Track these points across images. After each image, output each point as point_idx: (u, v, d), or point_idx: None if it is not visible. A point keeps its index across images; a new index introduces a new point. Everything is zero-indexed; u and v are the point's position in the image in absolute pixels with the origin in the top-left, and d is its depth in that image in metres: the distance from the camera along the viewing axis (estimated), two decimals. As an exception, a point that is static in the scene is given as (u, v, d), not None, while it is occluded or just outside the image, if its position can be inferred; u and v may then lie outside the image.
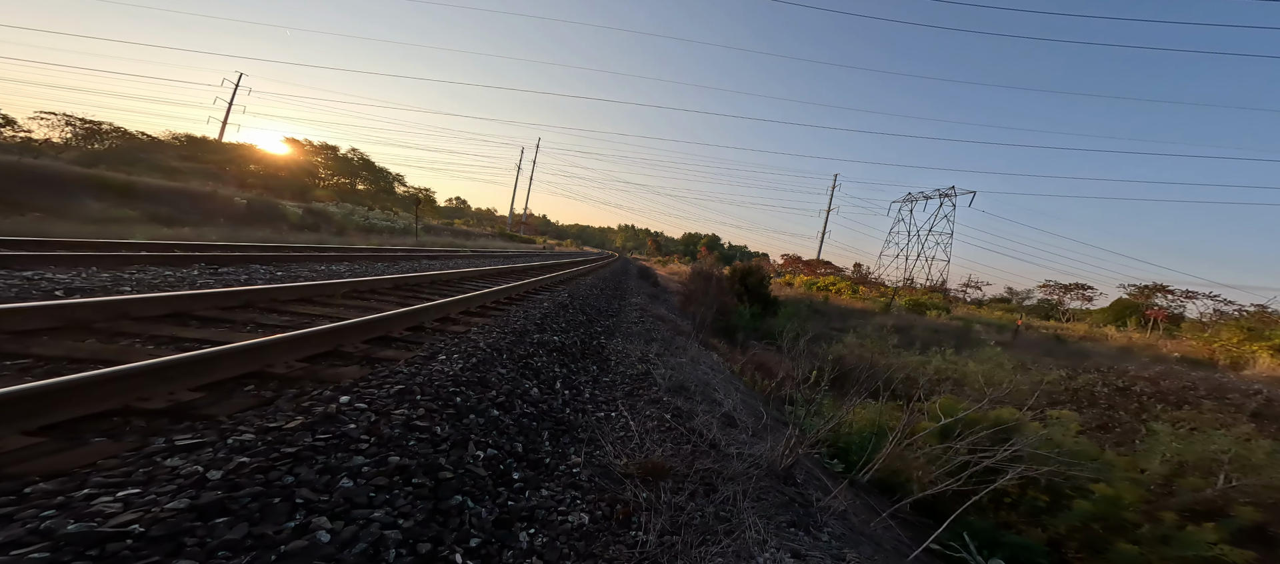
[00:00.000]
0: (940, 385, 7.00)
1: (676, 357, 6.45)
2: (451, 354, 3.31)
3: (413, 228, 26.92)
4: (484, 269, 9.74)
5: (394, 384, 2.56)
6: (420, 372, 2.84)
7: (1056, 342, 13.63)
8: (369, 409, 2.20)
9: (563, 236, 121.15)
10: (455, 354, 3.33)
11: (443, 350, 3.39)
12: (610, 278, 15.19)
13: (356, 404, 2.22)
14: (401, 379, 2.65)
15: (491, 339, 4.02)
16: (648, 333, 7.33)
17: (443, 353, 3.33)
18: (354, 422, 2.07)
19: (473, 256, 15.16)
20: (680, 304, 15.03)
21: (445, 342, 3.68)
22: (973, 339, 12.38)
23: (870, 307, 19.16)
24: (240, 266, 5.91)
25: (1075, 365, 8.38)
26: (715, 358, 8.39)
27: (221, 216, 19.90)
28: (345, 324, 3.10)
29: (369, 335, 3.31)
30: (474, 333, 4.14)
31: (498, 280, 8.72)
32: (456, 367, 3.06)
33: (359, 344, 3.13)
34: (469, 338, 3.89)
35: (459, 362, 3.17)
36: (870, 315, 15.92)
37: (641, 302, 11.39)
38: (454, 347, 3.54)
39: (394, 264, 9.10)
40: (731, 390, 5.99)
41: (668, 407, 4.18)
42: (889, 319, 14.54)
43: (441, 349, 3.42)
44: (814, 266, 49.09)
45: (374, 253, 10.59)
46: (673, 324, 9.96)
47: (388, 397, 2.39)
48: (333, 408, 2.13)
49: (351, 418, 2.09)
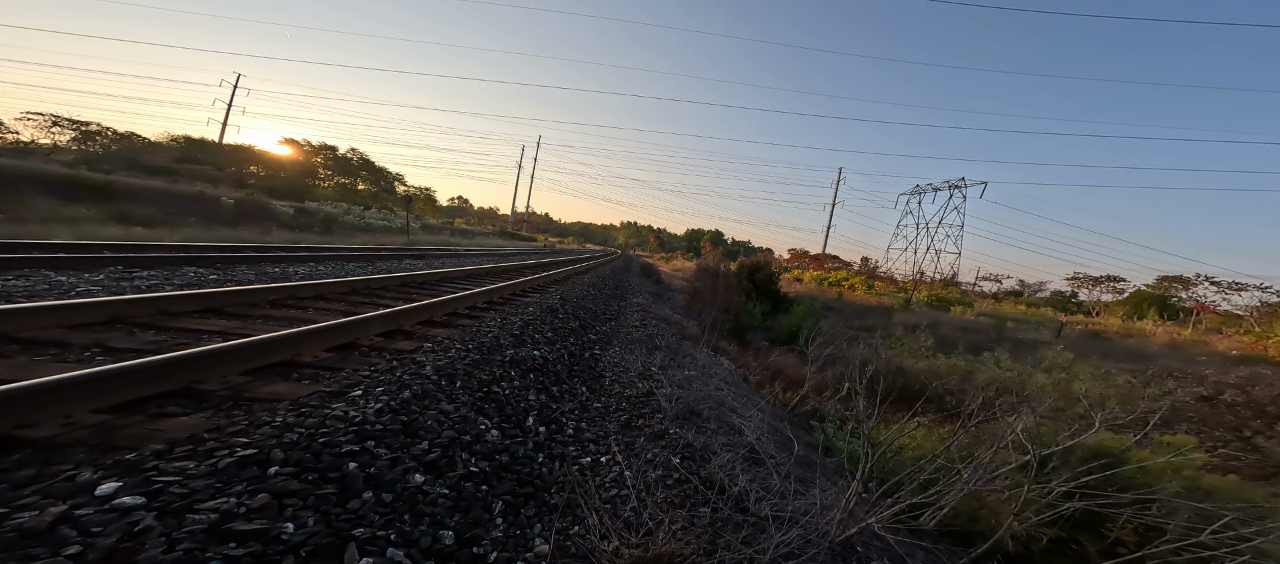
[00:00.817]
0: (999, 398, 6.06)
1: (683, 368, 5.51)
2: (373, 387, 2.38)
3: (408, 226, 26.06)
4: (471, 268, 8.83)
5: (246, 442, 1.63)
6: (307, 418, 1.91)
7: (1093, 339, 12.57)
8: (149, 504, 1.27)
9: (565, 234, 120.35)
10: (380, 387, 2.39)
11: (364, 381, 2.45)
12: (610, 276, 14.25)
13: (123, 498, 1.28)
14: (264, 435, 1.72)
15: (446, 360, 3.08)
16: (650, 339, 6.39)
17: (361, 385, 2.39)
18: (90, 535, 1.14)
19: (463, 256, 14.26)
20: (685, 303, 14.07)
21: (378, 366, 2.75)
22: (1009, 338, 11.32)
23: (888, 303, 18.03)
24: (168, 270, 5.00)
25: (1137, 369, 7.39)
26: (727, 365, 7.44)
27: (207, 217, 19.15)
28: (220, 348, 2.17)
29: (260, 361, 2.38)
30: (424, 351, 3.21)
31: (482, 281, 7.80)
32: (371, 407, 2.13)
33: (234, 376, 2.21)
34: (412, 360, 2.95)
35: (380, 399, 2.24)
36: (889, 313, 14.84)
37: (643, 301, 10.44)
38: (384, 374, 2.60)
39: (369, 264, 8.20)
40: (750, 409, 5.04)
41: (676, 444, 3.24)
42: (911, 317, 13.47)
43: (364, 379, 2.49)
44: (822, 261, 47.83)
45: (355, 253, 9.70)
46: (678, 326, 9.02)
47: (212, 472, 1.45)
48: (53, 514, 1.19)
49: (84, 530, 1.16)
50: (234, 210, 21.14)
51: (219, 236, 10.67)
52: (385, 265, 8.36)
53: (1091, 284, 28.93)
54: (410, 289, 5.82)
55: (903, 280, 39.45)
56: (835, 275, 29.79)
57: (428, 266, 9.10)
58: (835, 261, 48.63)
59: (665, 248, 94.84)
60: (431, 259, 11.09)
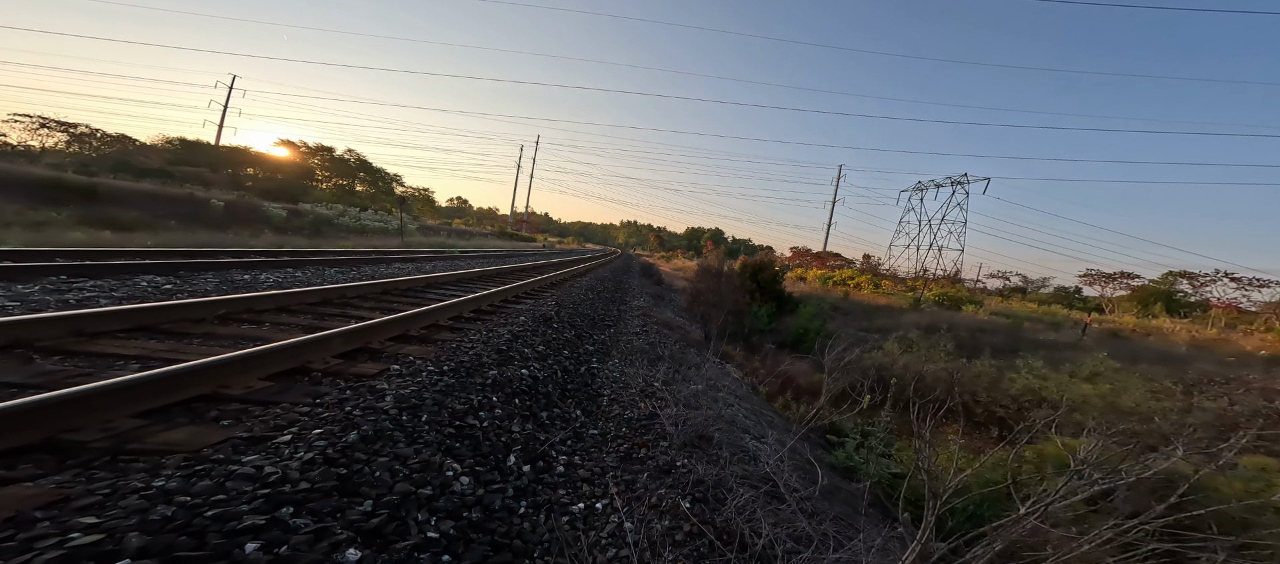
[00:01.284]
0: (1037, 409, 5.60)
1: (689, 381, 5.04)
2: (310, 429, 1.91)
3: (401, 228, 25.57)
4: (462, 272, 8.37)
5: (93, 522, 1.17)
6: (200, 480, 1.45)
7: (1112, 338, 12.08)
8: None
9: (565, 234, 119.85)
10: (320, 428, 1.93)
11: (300, 421, 1.99)
12: (610, 277, 13.79)
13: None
14: (127, 509, 1.25)
15: (413, 386, 2.62)
16: (652, 348, 5.92)
17: (296, 426, 1.93)
18: None
19: (457, 258, 13.80)
20: (686, 305, 13.61)
21: (325, 399, 2.28)
22: (1028, 339, 10.80)
23: (896, 302, 17.45)
24: (119, 279, 4.53)
25: (1173, 374, 6.92)
26: (734, 375, 6.98)
27: (196, 220, 18.72)
28: (105, 387, 1.71)
29: (169, 398, 1.91)
30: (389, 376, 2.75)
31: (472, 286, 7.34)
32: (298, 458, 1.67)
33: (125, 420, 1.74)
34: (371, 389, 2.49)
35: (314, 445, 1.78)
36: (898, 312, 14.32)
37: (644, 304, 9.98)
38: (331, 410, 2.14)
39: (354, 269, 7.73)
40: (764, 428, 4.57)
41: (684, 480, 2.78)
42: (921, 317, 12.94)
43: (300, 418, 2.02)
44: (824, 259, 47.28)
45: (341, 257, 9.23)
46: (681, 331, 8.56)
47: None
48: None
49: None
50: (224, 213, 20.68)
51: (198, 240, 10.21)
52: (371, 270, 7.89)
53: (1104, 281, 28.33)
54: (392, 298, 5.35)
55: (908, 278, 38.85)
56: (840, 274, 29.08)
57: (417, 271, 8.64)
58: (837, 260, 48.13)
59: (665, 247, 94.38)
60: (422, 262, 10.63)
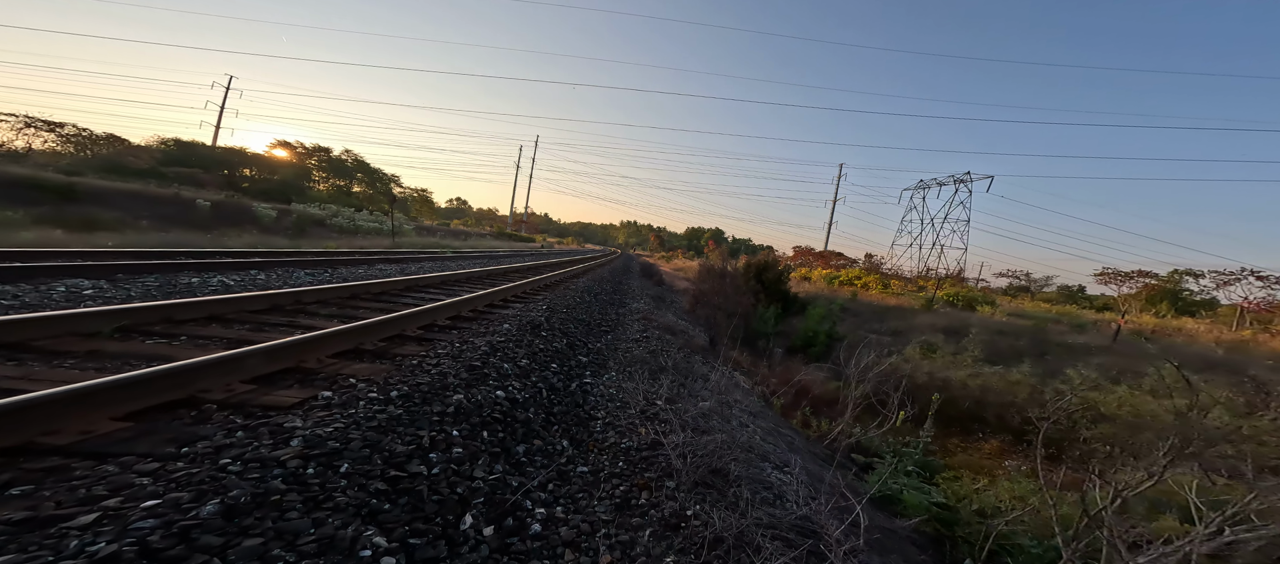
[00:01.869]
0: (1095, 427, 4.99)
1: (696, 396, 4.41)
2: (135, 503, 1.28)
3: (392, 228, 24.91)
4: (450, 274, 7.75)
5: None
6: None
7: (1138, 340, 11.45)
8: None
9: (564, 234, 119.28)
10: (154, 502, 1.30)
11: (135, 486, 1.36)
12: (609, 278, 13.16)
13: None
14: None
15: (342, 421, 1.99)
16: (654, 357, 5.29)
17: (120, 494, 1.30)
18: None
19: (448, 259, 13.17)
20: (689, 307, 12.98)
21: (197, 448, 1.65)
22: (1054, 342, 10.11)
23: (907, 303, 16.68)
24: (37, 283, 3.90)
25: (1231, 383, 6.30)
26: (744, 385, 6.34)
27: (180, 221, 18.16)
28: None
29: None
30: (313, 406, 2.12)
31: (456, 289, 6.72)
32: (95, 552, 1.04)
33: None
34: (277, 427, 1.86)
35: (136, 530, 1.15)
36: (910, 314, 13.60)
37: (644, 307, 9.35)
38: (197, 465, 1.51)
39: (328, 271, 7.11)
40: (785, 451, 3.94)
41: (697, 537, 2.15)
42: (935, 319, 12.22)
43: (138, 482, 1.39)
44: (828, 258, 46.57)
45: (321, 258, 8.62)
46: (684, 336, 7.93)
47: None
48: None
49: None
50: (210, 213, 20.07)
51: (170, 240, 9.59)
52: (347, 271, 7.27)
53: (1120, 279, 27.61)
54: (359, 303, 4.72)
55: (918, 277, 38.04)
56: (846, 273, 28.24)
57: (399, 272, 8.01)
58: (840, 259, 47.45)
59: (665, 246, 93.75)
60: (408, 263, 10.01)
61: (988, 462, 5.24)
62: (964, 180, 48.77)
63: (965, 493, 3.55)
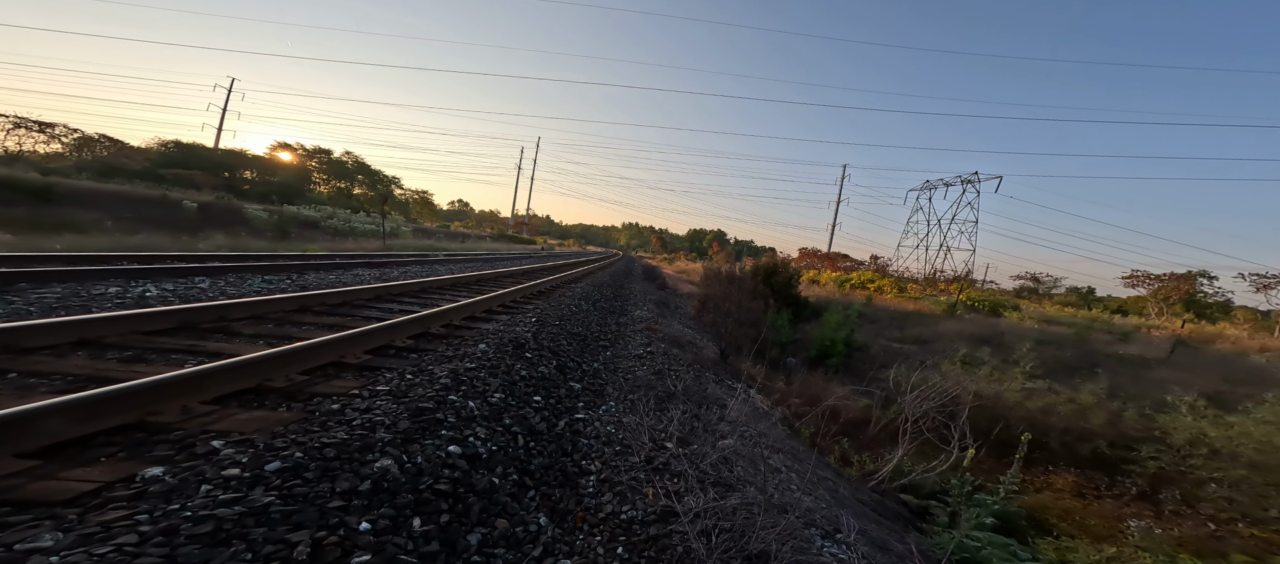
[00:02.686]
0: (1220, 469, 4.20)
1: (714, 431, 3.63)
2: None
3: (383, 230, 24.15)
4: (434, 279, 7.00)
5: None
6: None
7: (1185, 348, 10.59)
8: None
9: (566, 236, 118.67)
10: None
11: None
12: (609, 282, 12.40)
13: None
14: None
15: (152, 526, 1.22)
16: (660, 379, 4.50)
17: None
18: None
19: (439, 262, 12.42)
20: (695, 313, 12.20)
21: None
22: (1105, 353, 9.23)
23: (926, 307, 15.73)
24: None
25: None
26: (763, 406, 5.54)
27: (163, 223, 17.52)
28: None
29: None
30: (135, 494, 1.35)
31: (435, 298, 5.96)
32: None
33: None
34: None
35: None
36: (933, 320, 12.70)
37: (648, 315, 8.58)
38: None
39: (293, 276, 6.36)
40: (833, 507, 3.15)
41: None
42: (961, 325, 11.32)
43: None
44: (835, 260, 45.60)
45: (292, 261, 7.89)
46: (693, 348, 7.15)
47: None
48: None
49: None
50: (197, 214, 19.40)
51: (130, 243, 8.88)
52: (316, 278, 6.52)
53: (1151, 282, 26.54)
54: (305, 318, 3.95)
55: (931, 280, 36.89)
56: (859, 276, 27.01)
57: (378, 278, 7.27)
58: (847, 261, 46.51)
59: (667, 248, 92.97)
60: (391, 267, 9.26)
61: (1070, 504, 4.45)
62: (971, 181, 47.88)
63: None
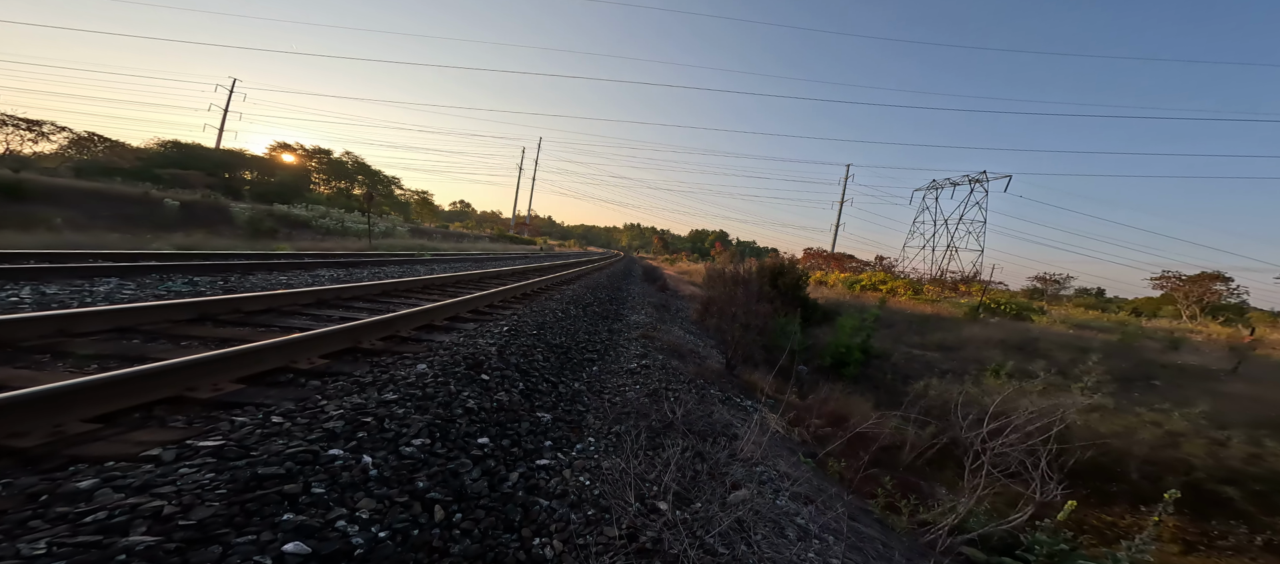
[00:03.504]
0: None
1: (719, 477, 2.79)
2: None
3: (368, 229, 23.26)
4: (403, 281, 6.19)
5: None
6: None
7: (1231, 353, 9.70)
8: None
9: (567, 237, 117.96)
10: None
11: None
12: (606, 284, 11.57)
13: None
14: None
15: None
16: (655, 400, 3.66)
17: None
18: None
19: (424, 262, 11.62)
20: (697, 317, 11.35)
21: None
22: (1160, 364, 8.25)
23: (945, 311, 14.72)
24: None
25: None
26: (778, 428, 4.68)
27: (140, 221, 16.84)
28: None
29: None
30: None
31: (390, 303, 5.14)
32: None
33: None
34: None
35: None
36: (955, 324, 11.75)
37: (646, 320, 7.74)
38: None
39: (231, 277, 5.56)
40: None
41: None
42: (988, 329, 10.35)
43: None
44: (841, 261, 44.57)
45: (246, 261, 7.11)
46: (694, 357, 6.31)
47: None
48: None
49: None
50: (179, 213, 18.67)
51: (72, 241, 8.11)
52: (265, 279, 5.72)
53: (1178, 283, 25.42)
54: (199, 328, 3.12)
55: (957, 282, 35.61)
56: (870, 277, 25.65)
57: (337, 281, 6.46)
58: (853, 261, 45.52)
59: (669, 249, 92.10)
60: (362, 268, 8.45)
61: (1184, 561, 3.59)
62: (979, 180, 46.92)
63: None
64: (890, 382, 7.36)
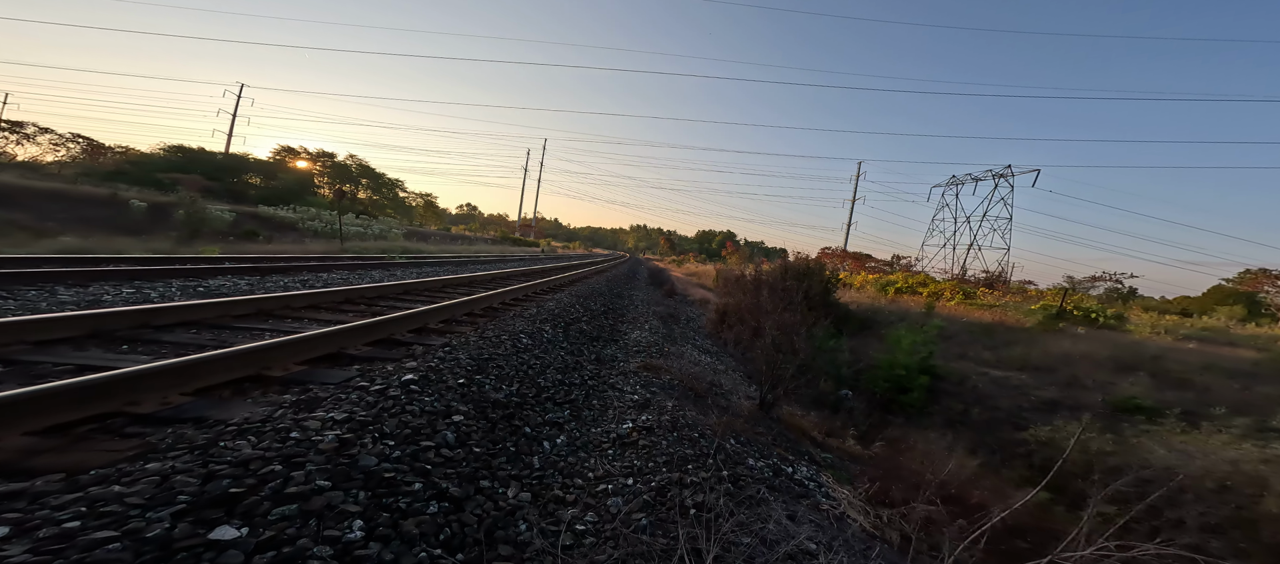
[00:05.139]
0: None
1: None
2: None
3: (340, 230, 21.63)
4: (340, 290, 4.57)
5: None
6: None
7: None
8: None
9: (573, 239, 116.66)
10: None
11: None
12: (604, 290, 9.91)
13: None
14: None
15: None
16: (661, 528, 1.97)
17: None
18: None
19: (399, 266, 10.04)
20: (712, 328, 9.64)
21: None
22: None
23: (1011, 318, 12.50)
24: None
25: None
26: (853, 519, 2.96)
27: (100, 224, 15.56)
28: None
29: None
30: None
31: (292, 326, 3.50)
32: None
33: None
34: None
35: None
36: (1026, 335, 9.64)
37: (649, 337, 6.05)
38: None
39: (145, 285, 3.96)
40: None
41: None
42: (1075, 342, 8.24)
43: None
44: (861, 260, 42.37)
45: (168, 268, 5.56)
46: (715, 396, 4.61)
47: None
48: None
49: None
50: (147, 216, 17.37)
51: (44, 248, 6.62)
52: (186, 284, 4.12)
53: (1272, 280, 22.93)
54: None
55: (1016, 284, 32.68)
56: (903, 278, 22.78)
57: (271, 289, 4.86)
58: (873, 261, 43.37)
59: (676, 250, 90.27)
60: (290, 275, 6.86)
61: None
62: (1004, 175, 44.59)
63: None
64: (974, 417, 5.61)
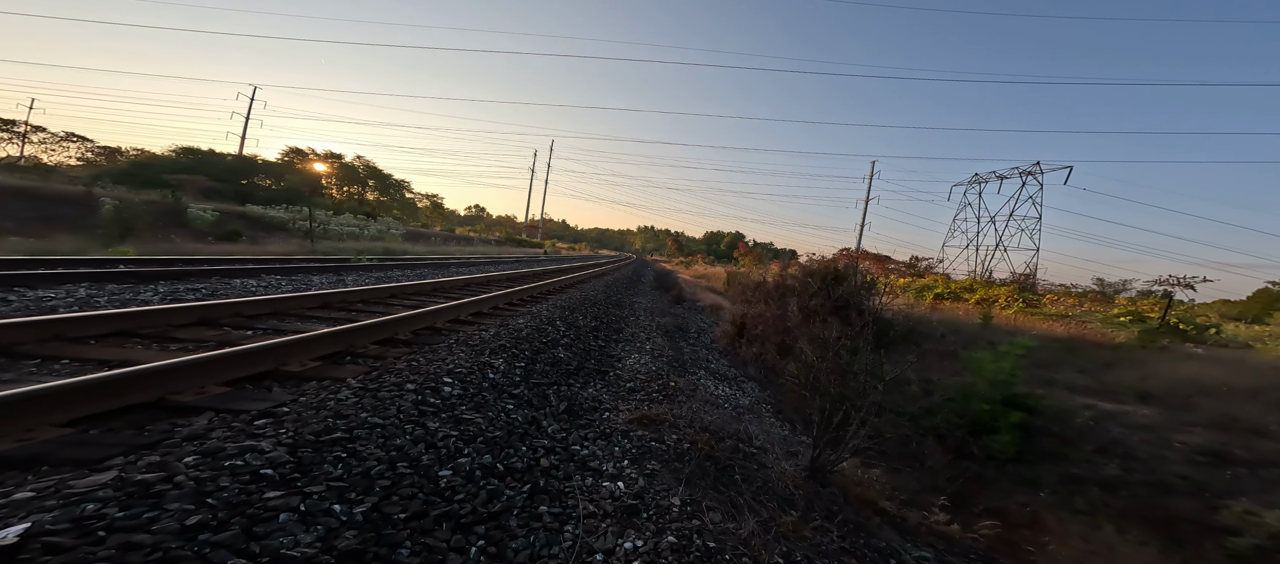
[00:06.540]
0: None
1: None
2: None
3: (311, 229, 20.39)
4: (316, 293, 3.21)
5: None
6: None
7: None
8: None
9: (579, 240, 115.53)
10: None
11: None
12: (602, 297, 8.51)
13: None
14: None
15: None
16: None
17: None
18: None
19: (354, 267, 8.74)
20: (727, 343, 8.17)
21: None
22: None
23: (1091, 332, 10.81)
24: None
25: None
26: None
27: (63, 222, 14.58)
28: None
29: None
30: None
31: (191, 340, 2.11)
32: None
33: None
34: None
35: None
36: (1127, 353, 7.86)
37: (650, 365, 4.62)
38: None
39: None
40: None
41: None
42: (1208, 367, 6.45)
43: None
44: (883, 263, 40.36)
45: (91, 270, 4.27)
46: (743, 459, 3.16)
47: None
48: None
49: None
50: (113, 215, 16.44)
51: None
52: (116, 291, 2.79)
53: None
54: None
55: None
56: (944, 282, 19.57)
57: (186, 297, 3.53)
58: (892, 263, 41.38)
59: (684, 251, 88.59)
60: (259, 277, 5.53)
61: None
62: (1032, 173, 42.42)
63: None
64: (1106, 474, 4.04)
